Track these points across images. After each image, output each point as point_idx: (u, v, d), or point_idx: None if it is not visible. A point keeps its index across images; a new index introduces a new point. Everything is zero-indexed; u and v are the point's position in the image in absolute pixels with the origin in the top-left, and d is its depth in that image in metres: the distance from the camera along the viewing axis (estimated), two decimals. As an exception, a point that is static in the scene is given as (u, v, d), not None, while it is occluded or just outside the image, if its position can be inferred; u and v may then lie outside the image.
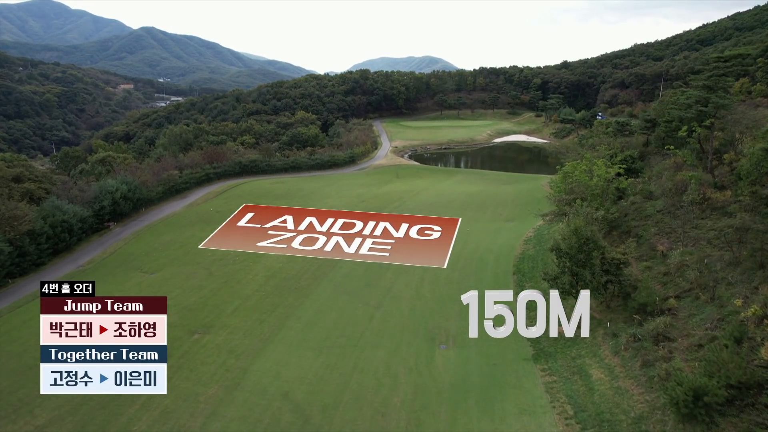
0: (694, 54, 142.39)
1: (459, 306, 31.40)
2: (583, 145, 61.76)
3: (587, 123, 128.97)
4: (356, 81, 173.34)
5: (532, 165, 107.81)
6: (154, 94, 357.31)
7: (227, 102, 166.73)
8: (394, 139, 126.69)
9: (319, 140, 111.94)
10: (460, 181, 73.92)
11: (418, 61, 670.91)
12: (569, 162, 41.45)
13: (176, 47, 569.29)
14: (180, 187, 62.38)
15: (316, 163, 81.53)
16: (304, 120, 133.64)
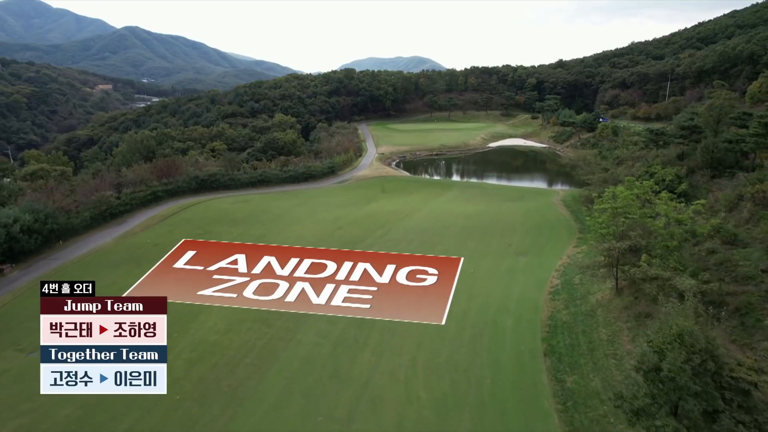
0: (700, 52, 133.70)
1: (470, 414, 20.85)
2: (605, 157, 51.55)
3: (589, 126, 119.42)
4: (340, 81, 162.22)
5: (533, 173, 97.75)
6: (134, 95, 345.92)
7: (201, 104, 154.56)
8: (380, 145, 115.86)
9: (297, 147, 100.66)
10: (456, 197, 63.33)
11: (407, 61, 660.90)
12: (608, 187, 30.92)
13: (161, 47, 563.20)
14: (117, 210, 50.82)
15: (289, 176, 70.24)
16: (282, 123, 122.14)
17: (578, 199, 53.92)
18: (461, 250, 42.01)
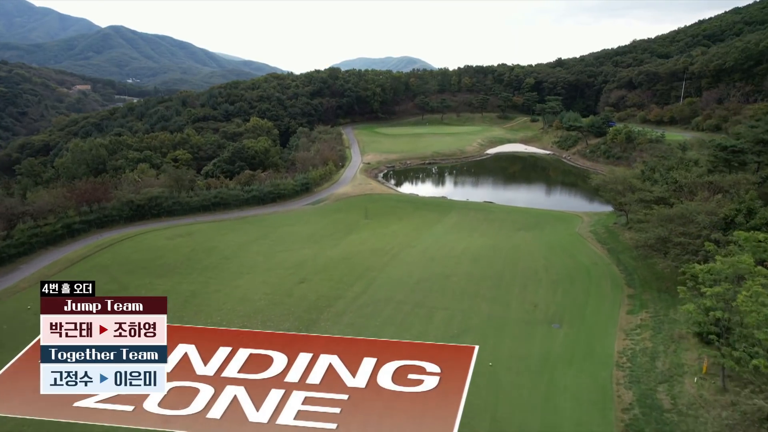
0: (715, 49, 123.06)
1: None
2: (648, 179, 39.71)
3: (597, 130, 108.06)
4: (324, 81, 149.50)
5: (541, 186, 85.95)
6: (114, 96, 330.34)
7: (171, 106, 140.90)
8: (366, 152, 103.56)
9: (270, 156, 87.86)
10: (456, 224, 51.28)
11: (397, 61, 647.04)
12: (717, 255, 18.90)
13: (147, 47, 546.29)
14: (6, 253, 38.04)
15: (252, 196, 57.58)
16: (257, 128, 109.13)
17: (615, 232, 42.14)
18: (470, 318, 29.86)
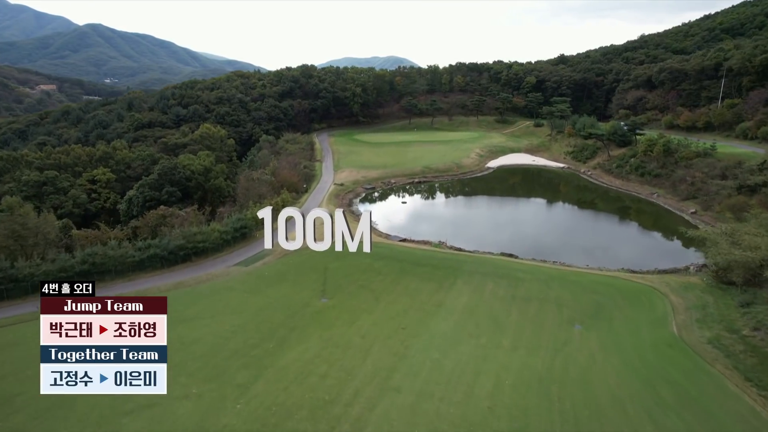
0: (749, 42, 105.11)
1: None
2: None
3: (620, 139, 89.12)
4: (296, 80, 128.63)
5: (567, 218, 66.10)
6: (83, 96, 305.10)
7: (114, 110, 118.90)
8: (341, 167, 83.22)
9: (212, 178, 67.11)
10: (468, 310, 31.40)
11: (383, 60, 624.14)
12: None
13: (126, 46, 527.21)
14: None
15: (147, 256, 36.93)
16: (207, 138, 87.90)
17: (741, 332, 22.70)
18: None
